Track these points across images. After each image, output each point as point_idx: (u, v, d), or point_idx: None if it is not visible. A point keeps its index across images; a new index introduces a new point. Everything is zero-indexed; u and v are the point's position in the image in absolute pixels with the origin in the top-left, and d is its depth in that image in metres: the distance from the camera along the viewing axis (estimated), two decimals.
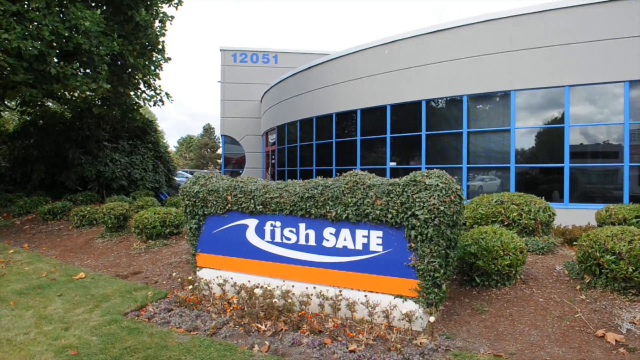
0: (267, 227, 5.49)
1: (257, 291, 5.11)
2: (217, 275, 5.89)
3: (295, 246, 5.30)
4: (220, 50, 26.55)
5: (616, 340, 4.25)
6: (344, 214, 4.87)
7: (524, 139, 11.70)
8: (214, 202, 5.83)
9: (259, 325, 4.75)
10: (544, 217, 6.65)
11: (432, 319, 4.43)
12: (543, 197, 7.27)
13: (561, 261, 5.99)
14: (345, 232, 4.94)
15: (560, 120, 11.15)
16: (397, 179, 4.72)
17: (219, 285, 5.63)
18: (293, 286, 5.27)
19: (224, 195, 5.75)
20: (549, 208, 6.80)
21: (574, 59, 10.88)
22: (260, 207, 5.48)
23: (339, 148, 15.99)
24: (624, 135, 10.50)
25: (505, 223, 6.59)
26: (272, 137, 22.59)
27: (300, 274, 5.28)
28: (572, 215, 9.62)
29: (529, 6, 11.46)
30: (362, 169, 14.26)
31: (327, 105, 16.59)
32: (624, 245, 4.78)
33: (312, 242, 5.18)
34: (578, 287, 5.17)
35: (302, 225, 5.23)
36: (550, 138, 11.36)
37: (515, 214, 6.54)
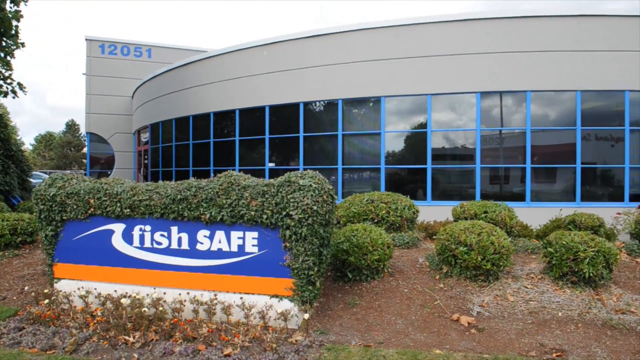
0: (136, 232, 5.16)
1: (125, 301, 4.78)
2: (79, 286, 5.37)
3: (167, 251, 5.06)
4: (86, 39, 24.28)
5: (468, 323, 4.76)
6: (219, 215, 4.78)
7: (393, 142, 12.57)
8: (74, 206, 5.31)
9: (127, 338, 4.44)
10: (409, 214, 7.22)
11: (306, 316, 4.55)
12: (408, 196, 7.87)
13: (423, 254, 6.55)
14: (220, 235, 4.85)
15: (424, 125, 12.19)
16: (272, 180, 4.76)
17: (81, 297, 5.15)
18: (165, 293, 5.02)
19: (85, 199, 5.27)
20: (413, 206, 7.39)
21: (436, 70, 11.98)
22: (128, 210, 5.13)
23: (218, 148, 15.65)
24: (477, 140, 11.83)
25: (376, 220, 7.02)
26: (145, 136, 21.31)
27: (173, 280, 5.06)
28: (434, 211, 10.57)
29: (399, 19, 12.36)
30: (241, 170, 14.12)
31: (205, 104, 16.12)
32: (474, 238, 5.38)
33: (185, 245, 4.99)
34: (437, 277, 5.69)
35: (174, 229, 5.01)
36: (416, 141, 12.36)
37: (384, 212, 7.01)
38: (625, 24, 11.59)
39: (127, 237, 5.20)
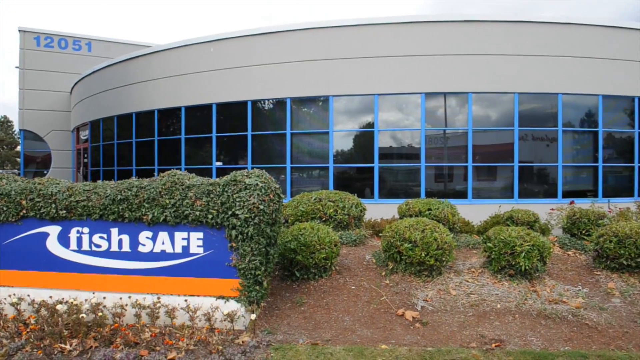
0: (73, 235, 4.91)
1: (61, 307, 4.53)
2: (9, 293, 5.04)
3: (107, 254, 4.85)
4: (19, 30, 22.81)
5: (413, 317, 4.89)
6: (162, 216, 4.63)
7: (341, 141, 12.68)
8: (4, 208, 4.98)
9: (63, 346, 4.22)
10: (356, 212, 7.31)
11: (253, 316, 4.50)
12: (356, 194, 7.97)
13: (370, 251, 6.65)
14: (163, 236, 4.70)
15: (372, 125, 12.39)
16: (217, 179, 4.67)
17: (13, 304, 4.83)
18: (105, 298, 4.81)
19: (17, 200, 4.96)
20: (360, 204, 7.49)
21: (383, 71, 12.20)
22: (64, 212, 4.87)
23: (162, 147, 15.18)
24: (422, 139, 12.16)
25: (323, 219, 7.05)
26: (85, 134, 20.34)
27: (113, 284, 4.85)
28: (381, 209, 10.76)
29: (347, 19, 12.49)
30: (187, 169, 13.78)
31: (149, 100, 15.59)
32: (418, 234, 5.52)
33: (126, 248, 4.80)
34: (383, 273, 5.80)
35: (114, 231, 4.80)
36: (364, 141, 12.54)
37: (331, 210, 7.06)
38: (558, 31, 12.29)
39: (64, 240, 4.94)
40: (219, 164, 13.78)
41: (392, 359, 4.01)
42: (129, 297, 4.77)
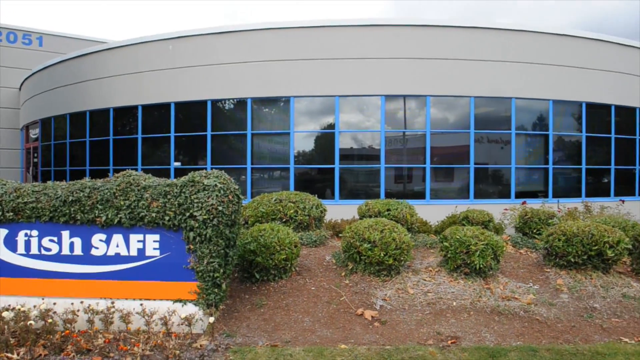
0: (21, 238, 4.69)
1: (7, 314, 4.32)
2: None
3: (58, 257, 4.66)
4: None
5: (372, 316, 4.95)
6: (116, 218, 4.49)
7: (303, 142, 12.69)
8: None
9: (10, 355, 4.02)
10: (317, 213, 7.34)
11: (212, 319, 4.43)
12: (317, 195, 7.99)
13: (330, 252, 6.69)
14: (117, 238, 4.56)
15: (332, 126, 12.46)
16: (175, 180, 4.58)
17: None
18: (55, 304, 4.61)
19: None
20: (320, 205, 7.52)
21: (344, 73, 12.29)
22: (11, 214, 4.64)
23: (118, 146, 14.71)
24: (381, 141, 12.34)
25: (284, 220, 7.03)
26: (35, 132, 19.46)
27: (64, 289, 4.67)
28: (341, 210, 10.84)
29: (309, 20, 12.52)
30: (144, 170, 13.43)
31: (104, 98, 15.08)
32: (377, 235, 5.59)
33: (78, 251, 4.62)
34: (343, 274, 5.84)
35: (65, 234, 4.62)
36: (325, 142, 12.59)
37: (292, 211, 7.05)
38: (512, 37, 12.76)
39: (10, 243, 4.71)
40: (177, 164, 13.49)
41: (351, 358, 4.05)
42: (81, 302, 4.60)
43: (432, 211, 10.97)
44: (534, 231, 7.69)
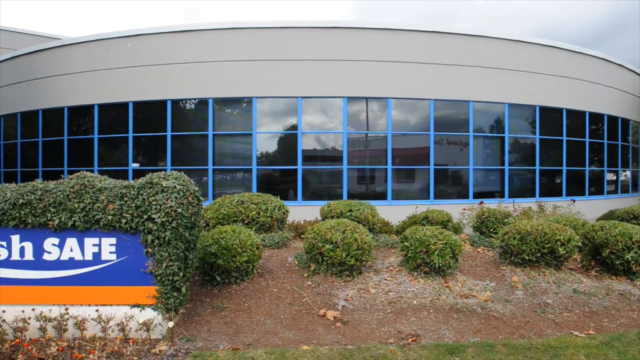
0: None
1: None
2: None
3: (7, 263, 4.44)
4: None
5: (334, 317, 4.97)
6: (70, 221, 4.33)
7: (265, 143, 12.62)
8: None
9: None
10: (279, 215, 7.31)
11: (171, 324, 4.34)
12: (279, 196, 7.97)
13: (293, 253, 6.68)
14: (71, 242, 4.39)
15: (295, 127, 12.46)
16: (132, 182, 4.46)
17: None
18: (4, 311, 4.40)
19: None
20: (283, 206, 7.50)
21: (306, 74, 12.32)
22: None
23: (73, 147, 14.19)
24: (344, 142, 12.43)
25: (246, 222, 6.97)
26: None
27: (14, 296, 4.46)
28: (304, 211, 10.84)
29: (272, 21, 12.46)
30: (100, 171, 13.01)
31: (58, 97, 14.50)
32: (339, 235, 5.63)
33: (29, 256, 4.43)
34: (306, 275, 5.84)
35: (15, 238, 4.41)
36: (288, 143, 12.57)
37: (254, 213, 7.00)
38: (470, 42, 13.13)
39: None
40: (135, 165, 13.14)
41: (313, 359, 4.05)
42: (33, 309, 4.40)
43: (393, 212, 11.14)
44: (491, 230, 7.93)
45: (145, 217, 4.28)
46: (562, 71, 14.58)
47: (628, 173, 18.15)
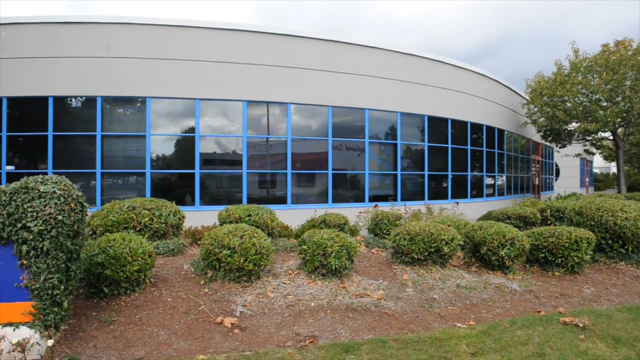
0: None
1: None
2: None
3: None
4: None
5: (232, 323, 4.88)
6: None
7: (161, 145, 12.06)
8: None
9: None
10: (175, 220, 7.03)
11: (51, 342, 3.96)
12: (174, 202, 7.66)
13: (189, 260, 6.46)
14: None
15: (193, 130, 12.07)
16: (4, 186, 4.00)
17: None
18: None
19: None
20: (179, 211, 7.22)
21: (204, 76, 12.00)
22: None
23: None
24: (243, 146, 12.31)
25: (138, 229, 6.60)
26: None
27: None
28: (202, 216, 10.55)
29: (166, 19, 11.94)
30: None
31: None
32: (237, 240, 5.56)
33: None
34: (202, 282, 5.68)
35: None
36: (185, 146, 12.13)
37: (146, 219, 6.65)
38: (366, 52, 13.75)
39: None
40: (10, 168, 11.80)
41: None
42: None
43: (293, 215, 11.27)
44: (384, 232, 8.36)
45: (20, 225, 3.86)
46: (448, 84, 15.88)
47: (504, 178, 20.21)
